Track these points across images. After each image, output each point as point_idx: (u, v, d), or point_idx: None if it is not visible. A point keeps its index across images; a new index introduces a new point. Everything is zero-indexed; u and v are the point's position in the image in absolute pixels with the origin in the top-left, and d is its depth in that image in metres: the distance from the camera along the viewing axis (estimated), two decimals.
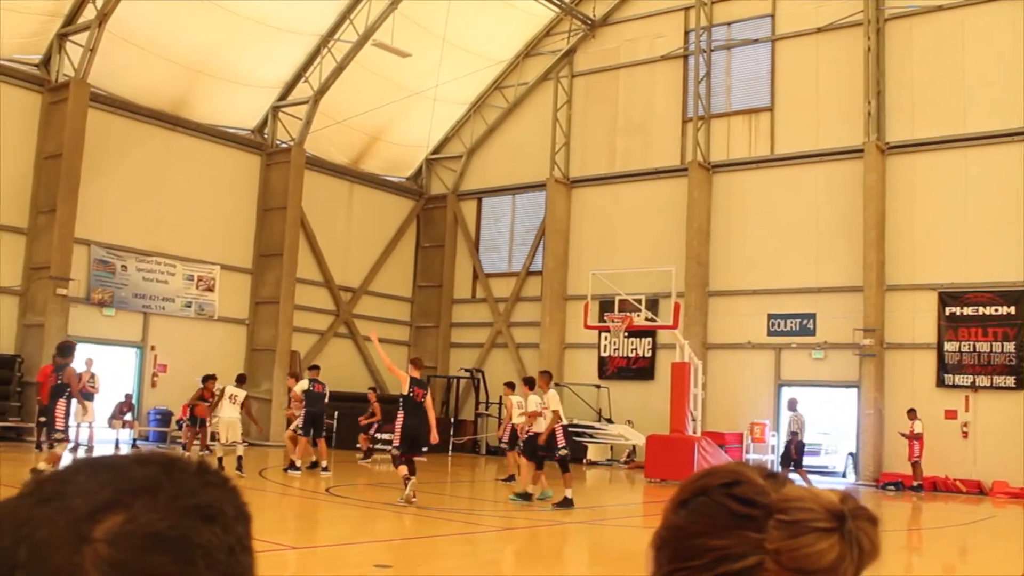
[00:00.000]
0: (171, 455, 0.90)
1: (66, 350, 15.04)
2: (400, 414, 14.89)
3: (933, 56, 25.44)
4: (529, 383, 16.59)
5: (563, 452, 16.10)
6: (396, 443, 14.84)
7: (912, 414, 23.37)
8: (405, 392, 14.92)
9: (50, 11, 24.11)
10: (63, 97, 23.97)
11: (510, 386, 20.35)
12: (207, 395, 20.71)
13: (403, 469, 14.51)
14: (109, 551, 0.80)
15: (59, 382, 14.67)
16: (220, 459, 17.25)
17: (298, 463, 19.24)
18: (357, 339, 32.13)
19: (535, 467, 15.97)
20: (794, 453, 21.95)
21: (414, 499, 14.25)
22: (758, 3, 28.55)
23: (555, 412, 15.88)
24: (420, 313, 34.23)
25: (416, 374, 15.37)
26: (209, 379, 20.56)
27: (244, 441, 18.51)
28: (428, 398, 15.10)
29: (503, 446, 21.34)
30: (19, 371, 23.34)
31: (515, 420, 18.00)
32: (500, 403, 30.98)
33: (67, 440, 15.62)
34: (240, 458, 17.72)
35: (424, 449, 15.65)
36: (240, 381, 19.27)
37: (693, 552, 1.01)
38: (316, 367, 21.22)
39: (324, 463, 19.56)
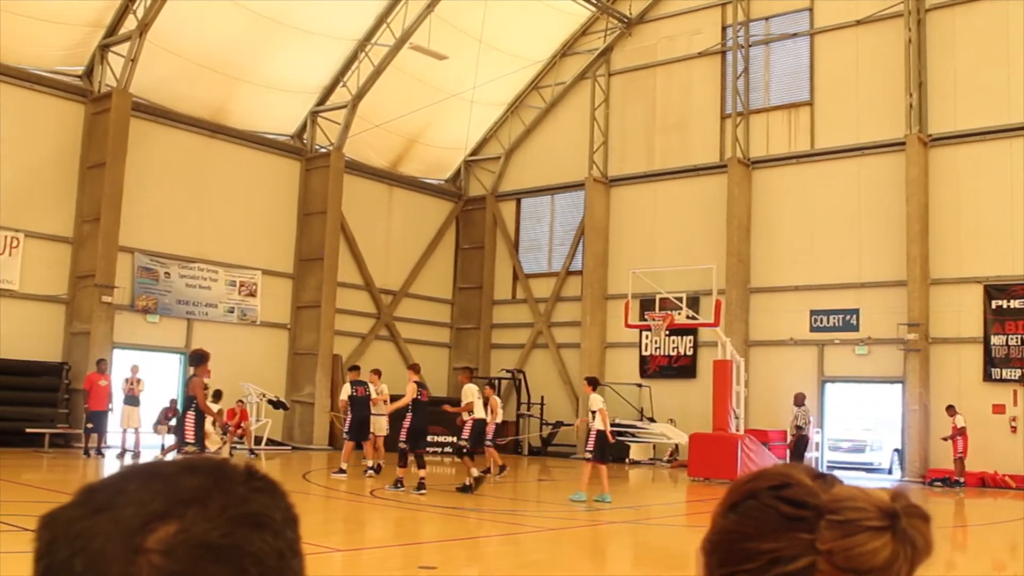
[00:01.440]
0: (219, 461, 0.91)
1: (194, 359, 14.56)
2: (409, 415, 16.61)
3: (975, 46, 25.11)
4: (592, 383, 16.88)
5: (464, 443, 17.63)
6: (404, 439, 16.62)
7: (951, 410, 23.04)
8: (415, 396, 16.63)
9: (92, 22, 24.43)
10: (106, 107, 24.28)
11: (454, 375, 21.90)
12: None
13: (405, 469, 16.48)
14: (163, 561, 0.81)
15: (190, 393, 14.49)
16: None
17: (344, 466, 19.36)
18: (398, 341, 32.26)
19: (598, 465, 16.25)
20: (793, 447, 22.85)
21: (423, 492, 15.86)
22: None
23: (468, 404, 17.72)
24: (460, 315, 34.30)
25: (417, 378, 17.06)
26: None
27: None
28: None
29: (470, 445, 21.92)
30: (66, 378, 23.65)
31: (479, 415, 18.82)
32: (540, 403, 31.00)
33: (199, 452, 15.65)
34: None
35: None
36: (216, 398, 20.81)
37: (745, 556, 1.00)
38: (356, 367, 21.26)
39: (378, 462, 19.72)
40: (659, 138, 30.62)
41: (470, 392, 17.92)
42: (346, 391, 19.95)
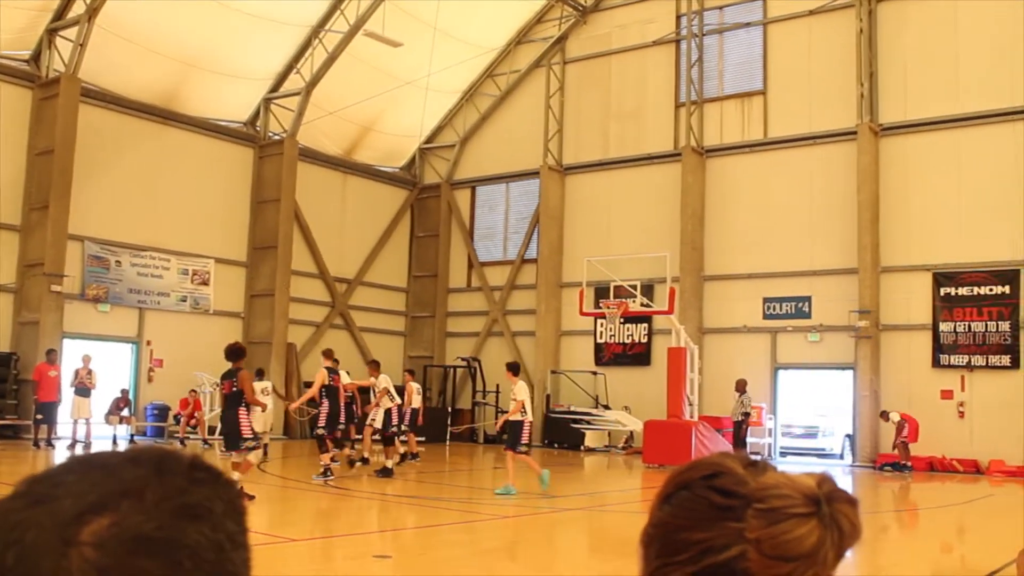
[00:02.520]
0: (165, 451, 0.89)
1: (237, 353, 13.83)
2: (325, 402, 16.87)
3: (925, 37, 25.42)
4: (514, 369, 16.68)
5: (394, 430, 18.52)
6: (323, 425, 16.87)
7: (884, 415, 23.79)
8: (325, 382, 16.80)
9: (39, 6, 24.01)
10: (54, 93, 23.89)
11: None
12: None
13: (328, 455, 16.55)
14: (95, 554, 0.79)
15: (234, 389, 13.54)
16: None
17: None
18: (353, 330, 32.12)
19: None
20: (744, 434, 23.47)
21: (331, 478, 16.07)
22: None
23: (384, 390, 18.49)
24: (416, 303, 34.22)
25: (329, 364, 17.20)
26: None
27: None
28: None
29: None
30: (15, 368, 23.30)
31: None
32: (496, 391, 31.05)
33: (258, 446, 15.26)
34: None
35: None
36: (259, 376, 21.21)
37: (678, 546, 1.01)
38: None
39: (365, 455, 19.60)
40: (614, 126, 30.70)
41: (382, 382, 18.82)
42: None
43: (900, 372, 24.88)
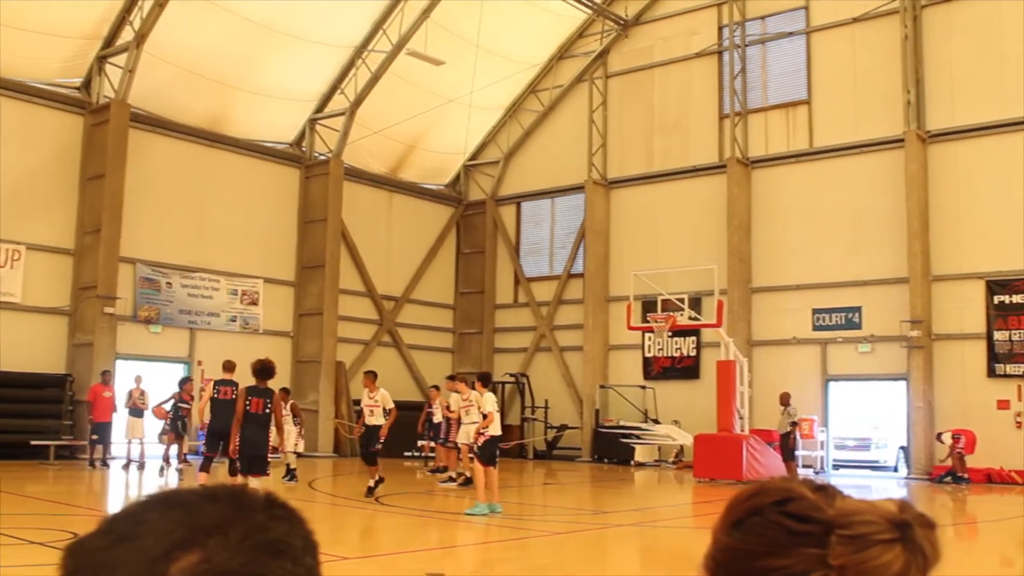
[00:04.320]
0: (239, 489, 0.92)
1: (269, 372, 13.08)
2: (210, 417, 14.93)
3: (972, 41, 25.12)
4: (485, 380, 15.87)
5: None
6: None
7: (939, 438, 23.50)
8: (211, 395, 14.90)
9: (89, 34, 24.46)
10: (104, 119, 24.31)
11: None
12: (187, 398, 21.36)
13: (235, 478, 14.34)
14: None
15: (267, 410, 12.98)
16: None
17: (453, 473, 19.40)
18: (401, 347, 32.26)
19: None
20: (793, 446, 23.04)
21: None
22: None
23: (392, 410, 17.26)
24: (463, 319, 34.29)
25: (227, 376, 15.37)
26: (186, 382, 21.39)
27: None
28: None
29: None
30: (70, 390, 23.66)
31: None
32: (544, 406, 30.97)
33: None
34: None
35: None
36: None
37: (754, 573, 1.00)
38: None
39: (461, 472, 19.32)
40: (658, 139, 30.63)
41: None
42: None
43: (954, 382, 24.50)
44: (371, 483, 16.57)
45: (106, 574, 0.83)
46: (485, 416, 14.82)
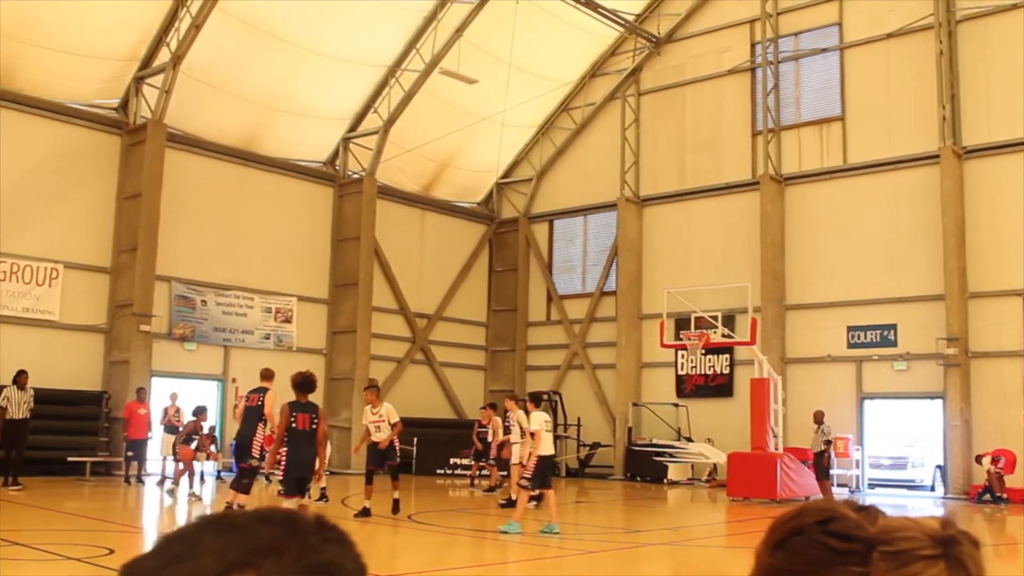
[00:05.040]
0: (290, 512, 0.93)
1: (312, 385, 12.50)
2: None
3: (1008, 56, 24.89)
4: (536, 400, 15.88)
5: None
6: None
7: (977, 459, 23.17)
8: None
9: (127, 56, 24.79)
10: (141, 139, 24.60)
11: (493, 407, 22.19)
12: (197, 428, 21.02)
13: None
14: None
15: (313, 427, 12.34)
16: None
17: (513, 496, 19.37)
18: (433, 365, 32.31)
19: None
20: (827, 465, 22.85)
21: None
22: (825, 12, 28.25)
23: (397, 424, 16.10)
24: (495, 337, 34.31)
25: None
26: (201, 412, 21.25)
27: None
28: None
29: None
30: (106, 407, 23.87)
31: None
32: (577, 424, 30.90)
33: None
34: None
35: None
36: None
37: None
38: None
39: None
40: (690, 156, 30.57)
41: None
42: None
43: (992, 400, 24.19)
44: (395, 496, 16.07)
45: None
46: (532, 435, 14.40)
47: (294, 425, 12.12)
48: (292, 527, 0.90)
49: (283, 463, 12.54)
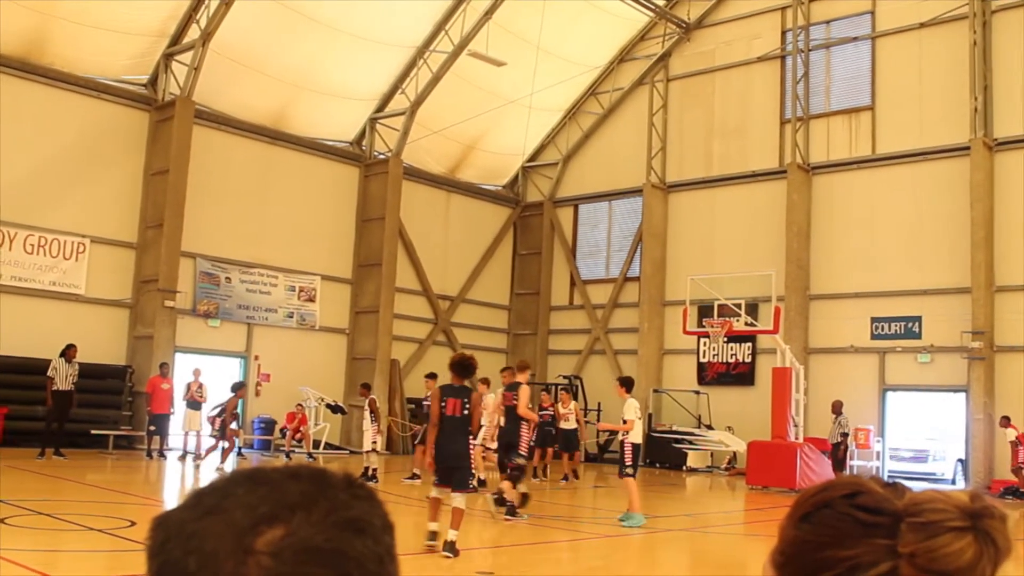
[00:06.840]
0: (320, 469, 0.96)
1: (471, 369, 11.30)
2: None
3: None
4: (627, 384, 15.51)
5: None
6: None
7: (1005, 421, 22.69)
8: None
9: (156, 32, 24.87)
10: (169, 115, 24.70)
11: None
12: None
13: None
14: (271, 563, 0.86)
15: (466, 412, 11.08)
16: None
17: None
18: (455, 347, 32.35)
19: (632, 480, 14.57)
20: (843, 456, 22.99)
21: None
22: (858, 0, 27.99)
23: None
24: (518, 320, 34.34)
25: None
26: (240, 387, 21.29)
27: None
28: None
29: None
30: (130, 381, 24.07)
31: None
32: (597, 409, 30.87)
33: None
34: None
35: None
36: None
37: (822, 564, 1.00)
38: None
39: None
40: (717, 143, 30.43)
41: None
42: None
43: (1017, 395, 23.99)
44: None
45: (194, 545, 0.87)
46: (625, 422, 14.34)
47: (444, 410, 11.19)
48: (322, 483, 0.93)
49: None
